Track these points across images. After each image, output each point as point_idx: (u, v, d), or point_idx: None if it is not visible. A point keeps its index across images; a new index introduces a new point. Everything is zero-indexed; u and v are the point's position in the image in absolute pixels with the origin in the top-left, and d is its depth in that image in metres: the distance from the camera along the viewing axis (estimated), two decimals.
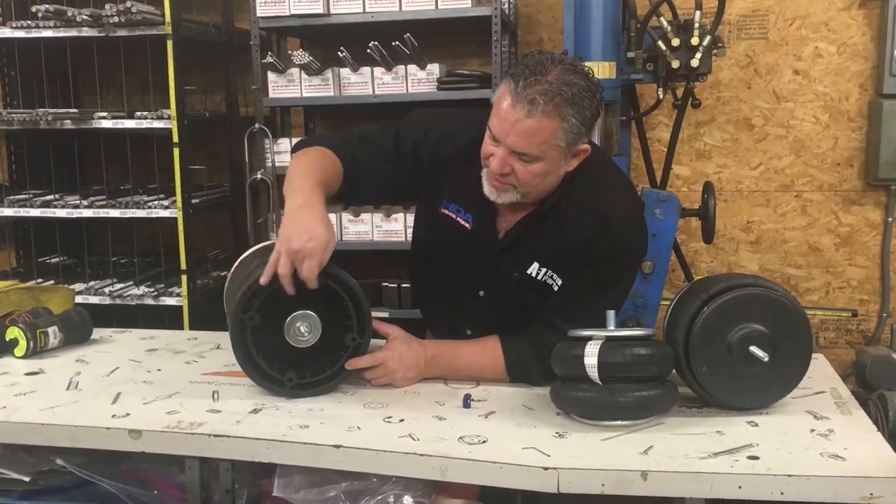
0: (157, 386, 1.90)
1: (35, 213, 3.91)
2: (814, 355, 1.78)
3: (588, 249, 1.84)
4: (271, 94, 3.67)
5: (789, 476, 1.39)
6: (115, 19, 3.62)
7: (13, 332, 2.11)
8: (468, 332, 2.03)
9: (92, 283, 3.99)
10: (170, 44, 3.62)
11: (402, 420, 1.68)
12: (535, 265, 1.90)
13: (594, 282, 1.86)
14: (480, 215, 1.94)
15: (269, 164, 3.69)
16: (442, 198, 1.99)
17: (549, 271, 1.90)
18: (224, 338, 1.94)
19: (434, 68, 3.53)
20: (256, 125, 3.70)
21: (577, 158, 1.81)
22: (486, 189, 1.84)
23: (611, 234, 1.83)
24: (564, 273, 1.89)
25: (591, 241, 1.83)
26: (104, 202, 3.87)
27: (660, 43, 3.01)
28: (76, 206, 3.86)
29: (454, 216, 1.97)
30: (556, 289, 1.90)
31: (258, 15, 3.58)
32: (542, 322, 1.90)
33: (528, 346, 1.90)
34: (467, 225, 1.96)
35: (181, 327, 3.73)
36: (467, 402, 1.77)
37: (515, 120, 1.70)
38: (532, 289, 1.92)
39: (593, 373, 1.59)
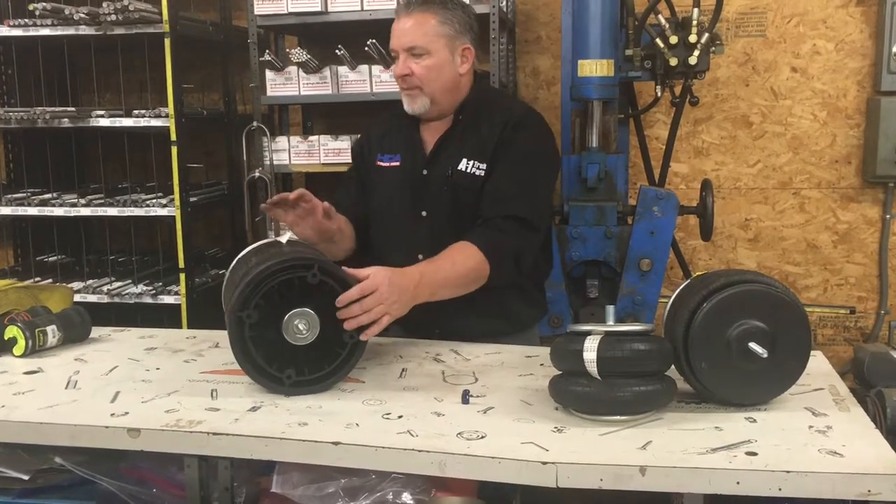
0: (156, 384, 1.90)
1: (33, 211, 3.90)
2: (812, 352, 1.78)
3: (501, 133, 2.20)
4: (269, 92, 3.67)
5: (787, 472, 1.39)
6: (113, 17, 3.61)
7: (12, 331, 2.10)
8: (420, 257, 2.12)
9: (90, 281, 3.99)
10: (167, 42, 3.62)
11: (400, 416, 1.68)
12: (464, 160, 2.22)
13: (512, 154, 2.19)
14: (407, 150, 2.30)
15: (267, 162, 3.69)
16: (375, 154, 2.35)
17: (475, 162, 2.21)
18: (223, 336, 1.94)
19: None
20: (254, 123, 3.70)
21: (466, 61, 2.21)
22: (406, 105, 2.22)
23: (514, 115, 2.24)
24: (487, 158, 2.20)
25: (500, 126, 2.21)
26: (102, 201, 3.87)
27: (658, 40, 3.01)
28: (74, 205, 3.85)
29: (386, 164, 2.32)
30: (482, 175, 2.19)
31: (256, 13, 3.57)
32: (483, 204, 2.17)
33: (482, 228, 2.14)
34: (397, 164, 2.31)
35: (180, 326, 3.73)
36: (466, 397, 1.77)
37: (399, 25, 2.17)
38: (464, 185, 2.20)
39: (592, 367, 1.59)
